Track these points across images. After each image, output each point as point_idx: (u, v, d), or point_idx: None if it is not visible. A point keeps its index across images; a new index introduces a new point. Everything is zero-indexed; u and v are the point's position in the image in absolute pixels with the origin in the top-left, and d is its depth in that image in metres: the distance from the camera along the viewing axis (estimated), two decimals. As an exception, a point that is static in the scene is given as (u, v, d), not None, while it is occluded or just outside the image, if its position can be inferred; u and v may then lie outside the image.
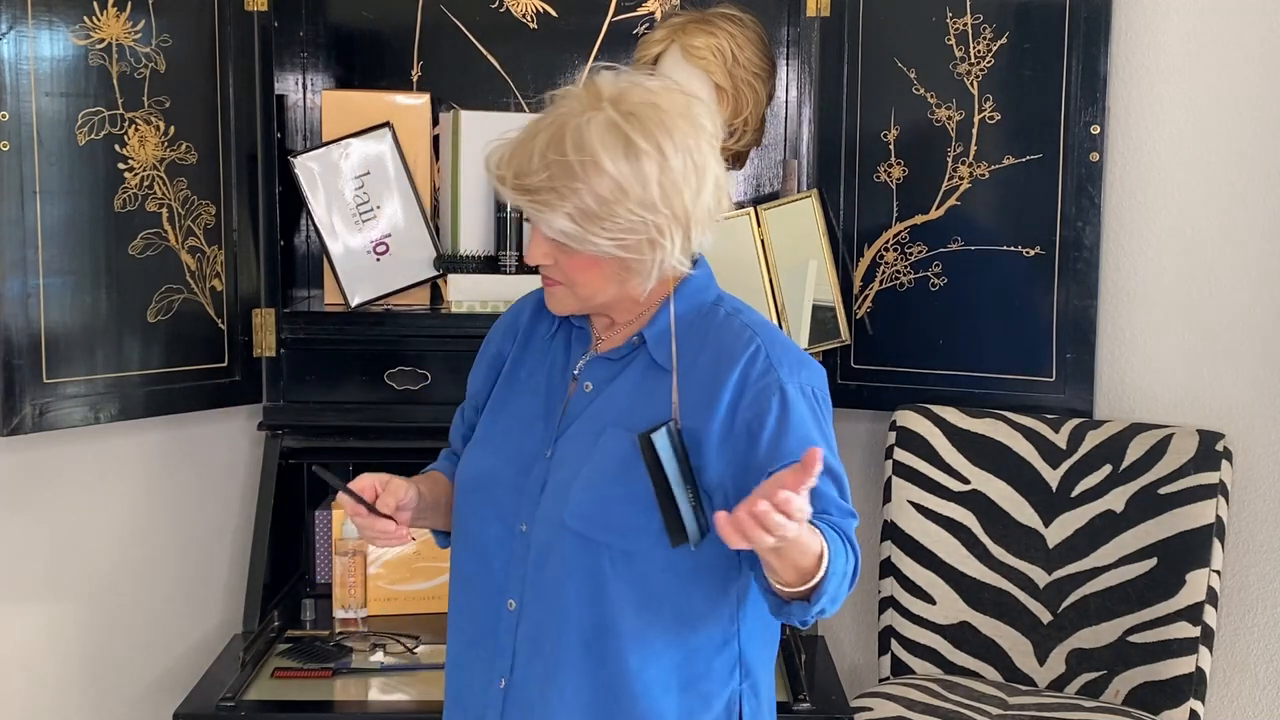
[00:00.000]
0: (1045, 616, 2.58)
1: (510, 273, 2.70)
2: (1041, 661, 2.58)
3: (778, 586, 1.59)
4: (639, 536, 1.68)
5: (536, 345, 1.84)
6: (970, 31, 2.69)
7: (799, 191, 2.73)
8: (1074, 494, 2.60)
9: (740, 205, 2.81)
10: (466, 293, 2.67)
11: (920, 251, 2.76)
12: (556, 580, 1.71)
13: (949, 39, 2.70)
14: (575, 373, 1.78)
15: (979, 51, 2.69)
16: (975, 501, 2.65)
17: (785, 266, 2.65)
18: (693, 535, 1.63)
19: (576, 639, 1.71)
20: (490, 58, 2.90)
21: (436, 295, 2.80)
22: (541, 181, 1.65)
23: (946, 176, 2.73)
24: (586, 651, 1.71)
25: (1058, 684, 2.56)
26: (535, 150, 1.67)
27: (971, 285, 2.74)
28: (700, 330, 1.74)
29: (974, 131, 2.71)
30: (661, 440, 1.60)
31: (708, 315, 1.76)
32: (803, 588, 1.57)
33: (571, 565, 1.70)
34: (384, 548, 1.60)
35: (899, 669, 2.65)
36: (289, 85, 2.86)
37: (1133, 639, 2.51)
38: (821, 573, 1.57)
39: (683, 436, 1.65)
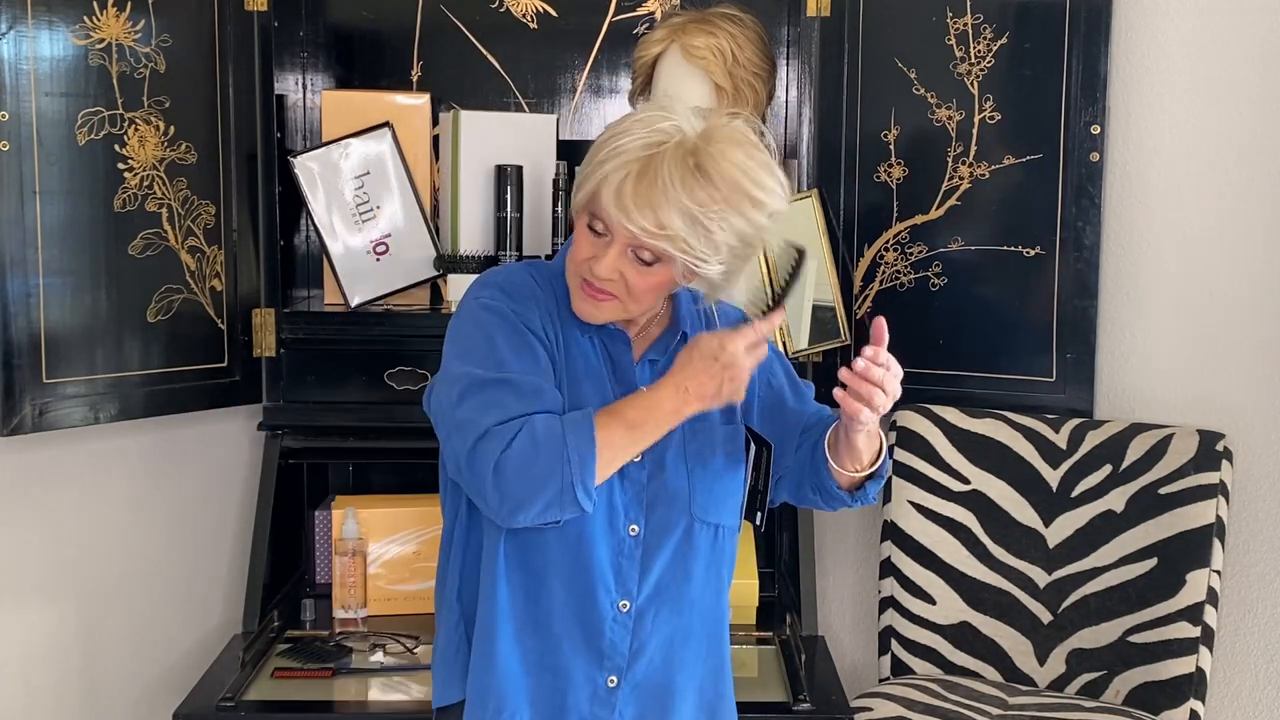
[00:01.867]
0: (1045, 616, 2.58)
1: (510, 273, 2.70)
2: (1041, 662, 2.58)
3: (852, 474, 1.76)
4: (736, 515, 1.85)
5: (575, 342, 1.80)
6: (970, 31, 2.69)
7: (799, 191, 2.73)
8: (1074, 494, 2.60)
9: (740, 205, 2.81)
10: (466, 293, 2.67)
11: (920, 251, 2.76)
12: (683, 573, 1.81)
13: (949, 39, 2.70)
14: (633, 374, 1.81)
15: (979, 51, 2.69)
16: (975, 501, 2.65)
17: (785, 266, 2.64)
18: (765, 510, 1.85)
19: (700, 625, 1.84)
20: (490, 58, 2.90)
21: (436, 295, 2.80)
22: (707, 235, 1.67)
23: (946, 176, 2.73)
24: (707, 634, 1.86)
25: (1058, 684, 2.56)
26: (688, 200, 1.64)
27: (971, 285, 2.74)
28: (707, 320, 1.85)
29: (974, 131, 2.71)
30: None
31: (695, 304, 1.86)
32: (873, 467, 1.77)
33: (700, 554, 1.82)
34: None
35: (899, 669, 2.65)
36: (289, 85, 2.86)
37: (1133, 639, 2.51)
38: (883, 441, 1.77)
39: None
